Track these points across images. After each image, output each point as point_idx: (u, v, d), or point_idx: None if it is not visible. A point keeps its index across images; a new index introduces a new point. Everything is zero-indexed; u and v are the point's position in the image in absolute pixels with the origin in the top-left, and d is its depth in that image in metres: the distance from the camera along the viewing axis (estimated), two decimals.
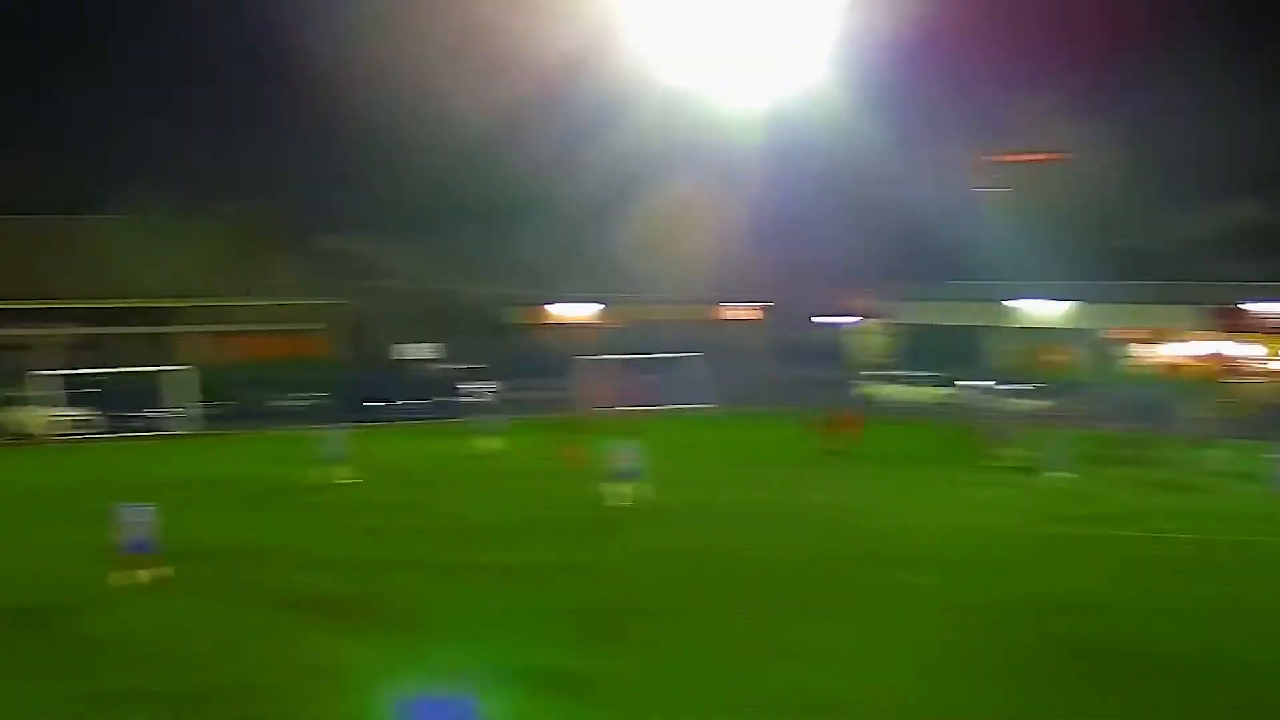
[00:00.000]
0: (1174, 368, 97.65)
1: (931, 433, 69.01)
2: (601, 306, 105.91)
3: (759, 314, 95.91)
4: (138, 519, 38.35)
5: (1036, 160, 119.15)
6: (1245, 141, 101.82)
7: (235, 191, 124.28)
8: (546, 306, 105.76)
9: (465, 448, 66.88)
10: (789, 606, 35.73)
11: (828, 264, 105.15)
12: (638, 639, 32.84)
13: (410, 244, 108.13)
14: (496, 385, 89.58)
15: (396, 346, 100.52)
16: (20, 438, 76.66)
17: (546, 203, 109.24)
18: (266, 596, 37.21)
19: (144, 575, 38.13)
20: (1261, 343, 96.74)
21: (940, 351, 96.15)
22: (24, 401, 78.47)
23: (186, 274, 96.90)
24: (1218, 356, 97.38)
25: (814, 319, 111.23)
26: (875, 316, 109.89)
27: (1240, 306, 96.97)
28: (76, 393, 79.76)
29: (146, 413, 79.01)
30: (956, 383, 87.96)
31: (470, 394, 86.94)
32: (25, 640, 33.17)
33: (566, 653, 31.53)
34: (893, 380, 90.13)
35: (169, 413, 78.98)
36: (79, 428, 76.93)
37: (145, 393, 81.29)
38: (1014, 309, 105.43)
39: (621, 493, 50.93)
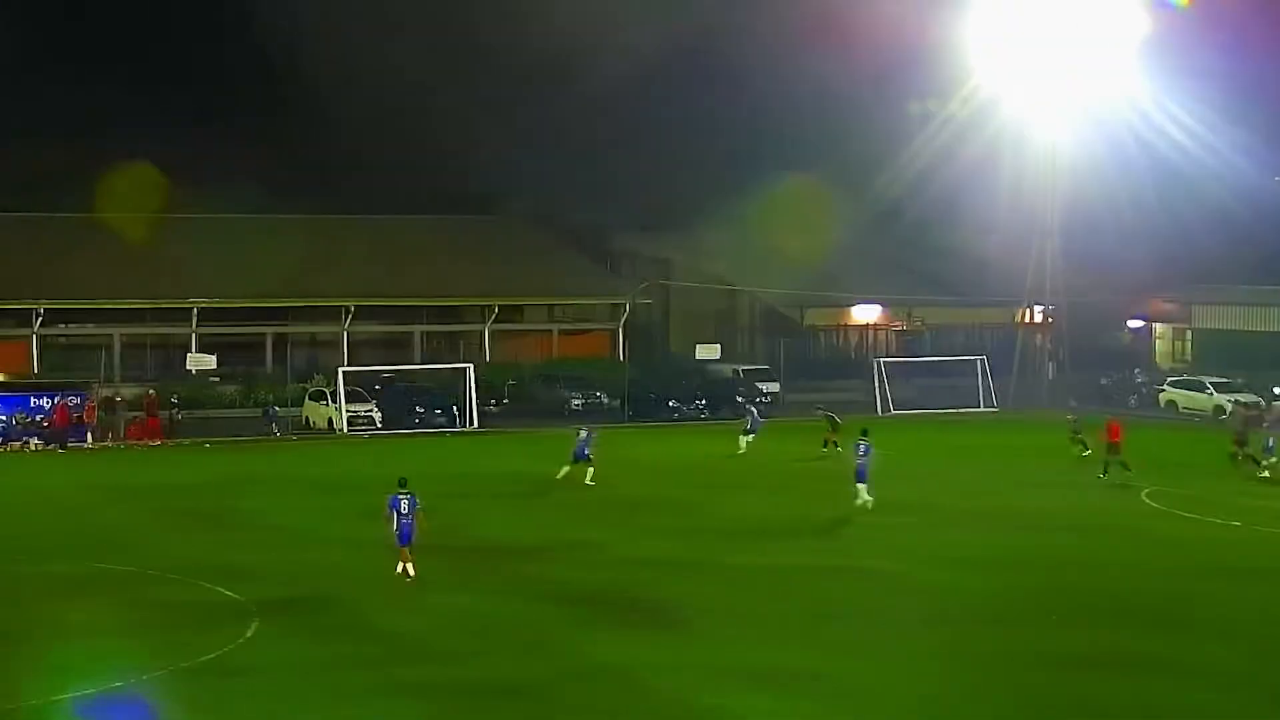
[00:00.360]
0: None
1: (1213, 440, 66.36)
2: (893, 309, 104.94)
3: (1055, 317, 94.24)
4: (404, 510, 38.94)
5: None
6: None
7: (531, 190, 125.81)
8: (838, 308, 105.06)
9: (742, 447, 66.71)
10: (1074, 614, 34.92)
11: (1128, 266, 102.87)
12: (878, 644, 32.64)
13: (703, 244, 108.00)
14: (780, 387, 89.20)
15: (687, 346, 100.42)
16: (317, 432, 78.04)
17: (840, 202, 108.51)
18: (544, 592, 37.67)
19: (407, 564, 38.93)
20: None
21: (1245, 357, 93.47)
22: (321, 397, 79.79)
23: (481, 273, 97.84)
24: None
25: (1113, 323, 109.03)
26: (1175, 321, 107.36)
27: None
28: (372, 389, 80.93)
29: (440, 409, 79.79)
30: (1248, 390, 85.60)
31: (758, 395, 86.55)
32: (316, 630, 33.95)
33: (810, 654, 31.50)
34: (1192, 386, 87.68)
35: (463, 410, 79.70)
36: (375, 423, 77.94)
37: (439, 390, 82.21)
38: None
39: (860, 492, 50.75)
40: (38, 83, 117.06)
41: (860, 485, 50.86)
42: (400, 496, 39.23)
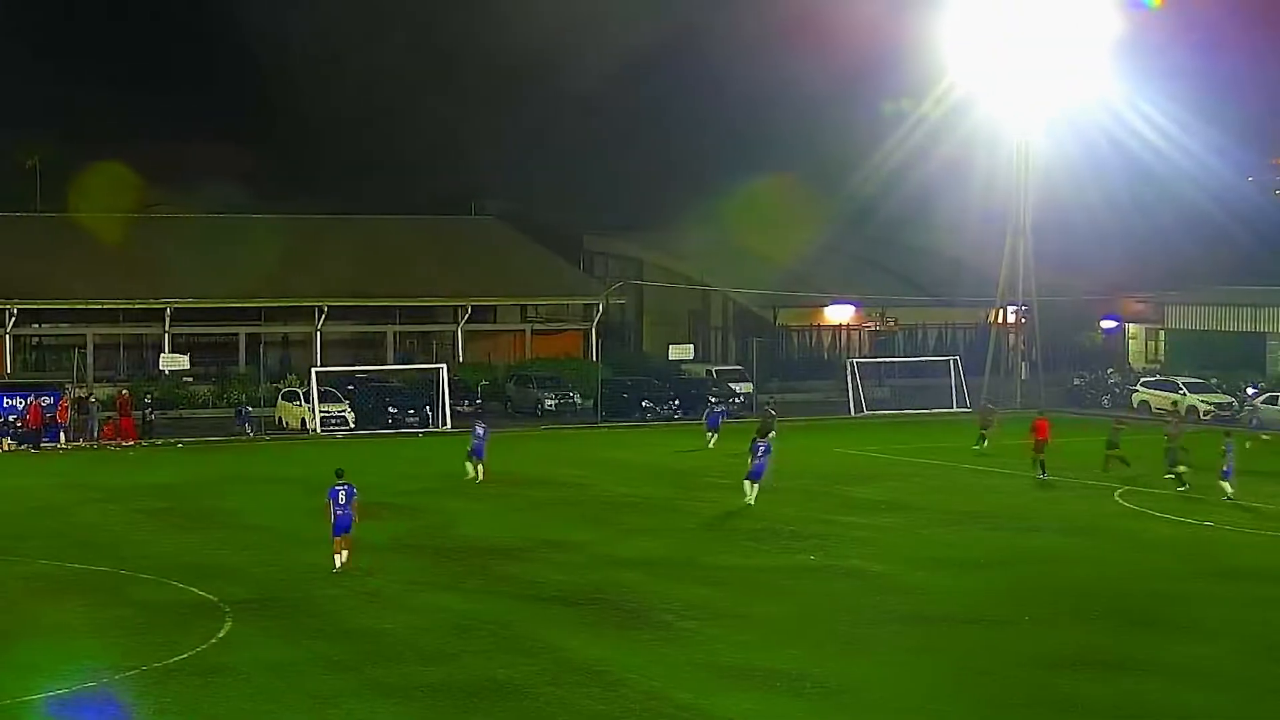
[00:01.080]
0: None
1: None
2: (866, 309, 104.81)
3: (1028, 317, 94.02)
4: (341, 500, 39.62)
5: None
6: None
7: (505, 190, 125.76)
8: (811, 308, 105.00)
9: (718, 449, 66.91)
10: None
11: (1102, 265, 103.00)
12: (861, 644, 32.66)
13: (676, 244, 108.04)
14: (754, 387, 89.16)
15: (661, 347, 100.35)
16: (290, 432, 77.77)
17: (814, 202, 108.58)
18: (524, 592, 37.69)
19: (341, 554, 39.62)
20: None
21: (1218, 357, 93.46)
22: (294, 397, 79.55)
23: (454, 273, 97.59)
24: None
25: (1086, 323, 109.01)
26: (1148, 321, 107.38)
27: None
28: (346, 389, 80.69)
29: (413, 410, 79.59)
30: (1230, 391, 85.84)
31: (731, 395, 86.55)
32: (291, 630, 33.79)
33: (793, 654, 31.48)
34: (1164, 387, 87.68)
35: (436, 410, 79.47)
36: (348, 423, 77.72)
37: (413, 390, 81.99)
38: None
39: (747, 490, 51.46)
40: (13, 81, 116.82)
41: (752, 483, 51.62)
42: (339, 488, 39.84)
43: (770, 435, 58.53)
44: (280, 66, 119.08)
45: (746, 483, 51.88)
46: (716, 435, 69.77)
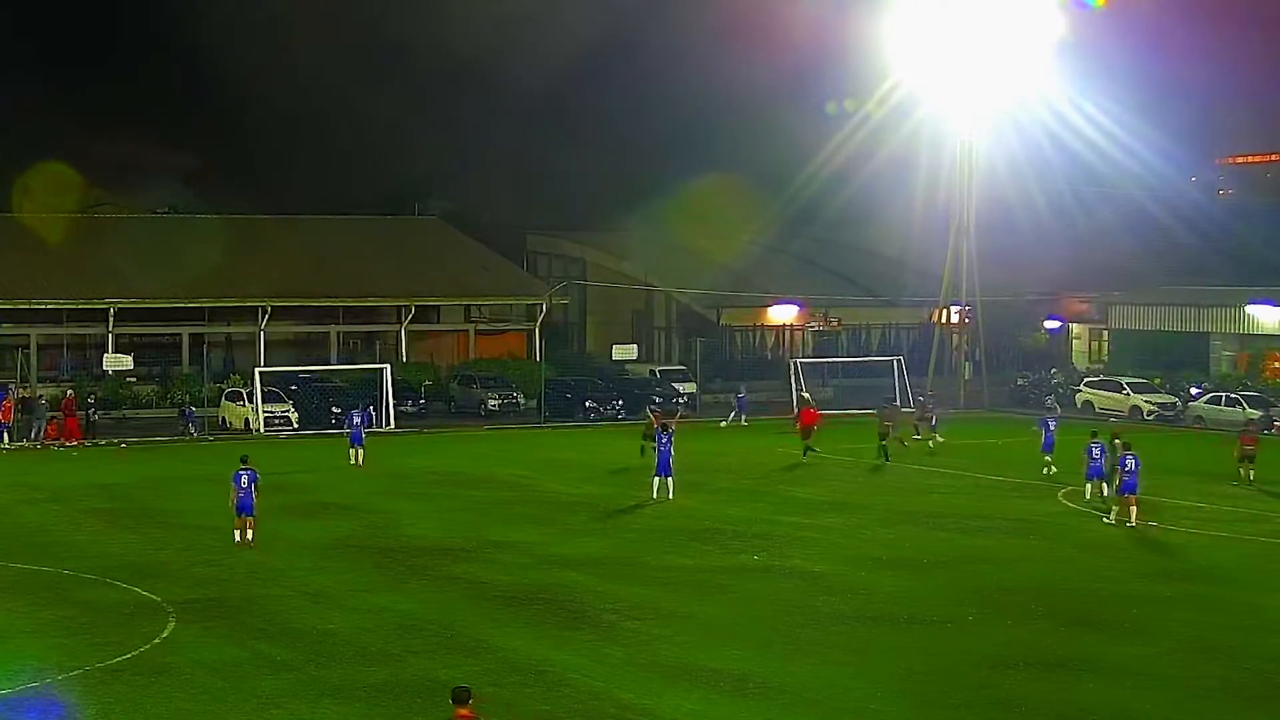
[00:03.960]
0: None
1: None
2: (810, 309, 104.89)
3: (971, 317, 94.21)
4: (244, 483, 43.02)
5: (1267, 161, 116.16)
6: None
7: (448, 191, 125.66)
8: (754, 308, 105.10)
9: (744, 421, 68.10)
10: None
11: (1045, 266, 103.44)
12: (804, 644, 32.64)
13: (619, 244, 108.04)
14: (697, 387, 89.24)
15: (604, 347, 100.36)
16: (234, 432, 77.50)
17: (757, 202, 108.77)
18: (469, 592, 37.66)
19: (246, 531, 42.89)
20: None
21: (1162, 358, 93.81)
22: (238, 397, 79.32)
23: (398, 273, 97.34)
24: None
25: (1030, 323, 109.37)
26: (1092, 321, 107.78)
27: None
28: (289, 389, 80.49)
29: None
30: (1176, 391, 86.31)
31: (674, 395, 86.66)
32: (235, 630, 33.64)
33: (736, 654, 31.54)
34: (1108, 386, 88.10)
35: (380, 410, 79.23)
36: (291, 423, 77.51)
37: (356, 390, 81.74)
38: (1243, 314, 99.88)
39: (655, 485, 53.10)
40: None
41: (663, 478, 52.94)
42: (241, 472, 43.26)
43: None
44: (223, 67, 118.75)
45: (655, 479, 52.89)
46: (743, 414, 79.58)
